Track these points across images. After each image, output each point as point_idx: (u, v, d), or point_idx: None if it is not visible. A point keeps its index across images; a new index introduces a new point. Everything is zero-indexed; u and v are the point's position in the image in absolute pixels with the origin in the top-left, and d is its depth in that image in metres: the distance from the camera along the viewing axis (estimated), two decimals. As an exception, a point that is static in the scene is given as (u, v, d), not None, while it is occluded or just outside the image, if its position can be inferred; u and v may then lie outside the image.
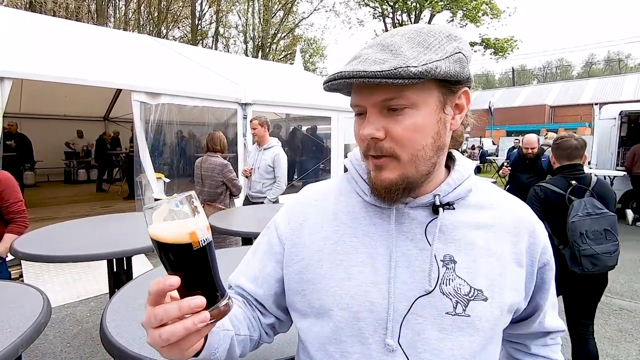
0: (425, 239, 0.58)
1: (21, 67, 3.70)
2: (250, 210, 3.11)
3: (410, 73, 0.48)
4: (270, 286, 0.67)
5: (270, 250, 0.68)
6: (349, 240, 0.61)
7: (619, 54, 60.56)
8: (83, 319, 3.02)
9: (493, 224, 0.60)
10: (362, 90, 0.54)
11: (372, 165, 0.57)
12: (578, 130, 14.76)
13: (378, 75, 0.48)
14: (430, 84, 0.53)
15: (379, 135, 0.53)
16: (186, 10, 23.34)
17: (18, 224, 2.09)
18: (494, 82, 69.78)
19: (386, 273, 0.57)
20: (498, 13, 18.82)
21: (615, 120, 6.85)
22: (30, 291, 1.28)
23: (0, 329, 1.01)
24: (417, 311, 0.55)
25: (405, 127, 0.53)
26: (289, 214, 0.69)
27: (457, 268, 0.56)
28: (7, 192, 2.06)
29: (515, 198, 0.66)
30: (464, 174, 0.62)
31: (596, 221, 1.96)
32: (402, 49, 0.51)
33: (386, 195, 0.56)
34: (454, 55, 0.52)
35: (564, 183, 2.08)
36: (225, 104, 5.42)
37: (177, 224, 0.41)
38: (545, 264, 0.63)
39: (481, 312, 0.55)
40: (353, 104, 0.57)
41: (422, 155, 0.55)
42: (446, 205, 0.59)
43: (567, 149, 2.12)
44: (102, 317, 1.11)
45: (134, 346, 0.95)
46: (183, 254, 0.42)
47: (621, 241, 2.06)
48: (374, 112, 0.54)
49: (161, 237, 0.40)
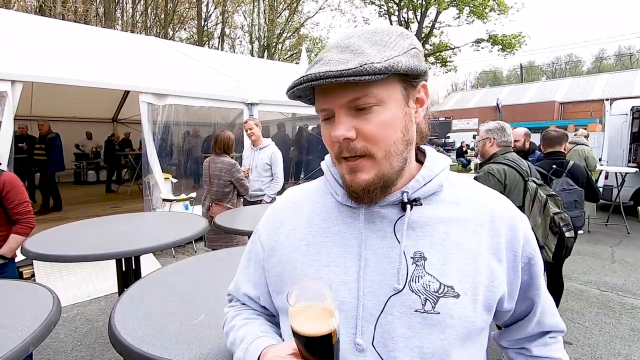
0: (395, 237, 0.58)
1: (32, 71, 3.76)
2: (255, 209, 3.12)
3: (375, 69, 0.49)
4: (265, 291, 0.70)
5: (256, 257, 0.71)
6: (321, 240, 0.62)
7: (630, 49, 59.39)
8: (93, 317, 3.06)
9: (468, 219, 0.59)
10: (328, 92, 0.54)
11: (347, 168, 0.57)
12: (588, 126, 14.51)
13: (345, 74, 0.48)
14: (393, 79, 0.54)
15: (350, 135, 0.53)
16: (192, 11, 23.50)
17: (23, 225, 2.10)
18: (502, 79, 69.03)
19: (356, 272, 0.58)
20: (505, 9, 18.61)
21: (626, 116, 6.72)
22: (40, 291, 1.30)
23: (12, 328, 1.03)
24: (387, 309, 0.55)
25: (375, 124, 0.53)
26: (267, 219, 0.72)
27: (427, 265, 0.56)
28: (13, 193, 2.07)
29: (493, 192, 0.64)
30: (434, 169, 0.61)
31: (569, 194, 2.64)
32: (363, 48, 0.52)
33: (365, 195, 0.57)
34: (410, 51, 0.54)
35: (548, 165, 2.77)
36: (231, 104, 5.45)
37: (323, 318, 0.46)
38: (530, 258, 0.61)
39: (452, 309, 0.54)
40: (319, 108, 0.57)
41: (394, 150, 0.55)
42: (414, 201, 0.58)
43: (549, 139, 2.87)
44: (111, 316, 1.12)
45: (142, 344, 0.96)
46: (323, 343, 0.47)
47: (632, 239, 2.11)
48: (343, 113, 0.54)
49: (310, 333, 0.46)
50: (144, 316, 1.12)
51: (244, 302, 0.75)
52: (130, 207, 6.89)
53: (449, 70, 22.24)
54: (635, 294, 3.50)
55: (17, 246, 2.08)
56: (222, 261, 1.67)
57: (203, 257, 1.75)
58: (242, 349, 0.63)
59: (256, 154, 3.67)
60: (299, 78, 0.52)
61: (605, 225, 5.99)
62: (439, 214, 0.59)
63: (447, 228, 0.58)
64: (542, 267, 0.64)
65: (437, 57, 21.45)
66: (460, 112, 30.26)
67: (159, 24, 22.73)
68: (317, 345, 0.46)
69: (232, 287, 0.78)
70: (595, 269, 4.15)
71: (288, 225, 0.67)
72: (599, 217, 6.27)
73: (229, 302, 0.80)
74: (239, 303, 0.76)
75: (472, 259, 0.56)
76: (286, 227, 0.67)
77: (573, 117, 24.71)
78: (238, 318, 0.71)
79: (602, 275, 3.96)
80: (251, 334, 0.65)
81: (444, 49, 21.30)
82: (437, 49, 21.31)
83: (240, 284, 0.75)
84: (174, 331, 1.03)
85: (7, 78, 3.50)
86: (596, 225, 5.98)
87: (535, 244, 0.62)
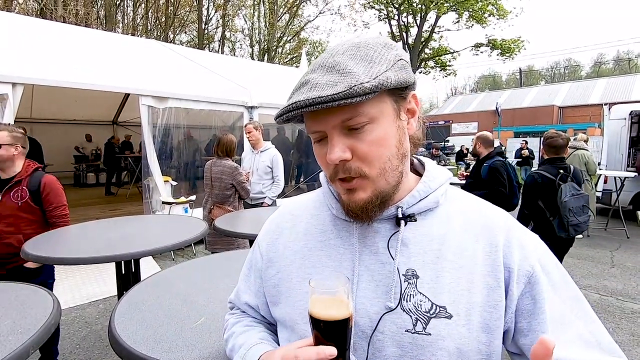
0: (388, 253, 0.57)
1: (32, 73, 3.77)
2: (256, 212, 3.11)
3: (365, 89, 0.48)
4: (264, 302, 0.70)
5: (255, 266, 0.71)
6: (317, 254, 0.62)
7: (628, 54, 59.69)
8: (92, 320, 3.05)
9: (463, 237, 0.56)
10: (318, 115, 0.53)
11: (343, 188, 0.56)
12: (587, 130, 14.56)
13: (335, 98, 0.47)
14: (382, 95, 0.53)
15: (346, 156, 0.52)
16: (193, 15, 23.59)
17: (60, 227, 2.14)
18: (501, 83, 69.24)
19: None
20: (504, 14, 18.72)
21: (625, 120, 6.74)
22: (40, 293, 1.30)
23: (12, 331, 1.03)
24: (379, 328, 0.54)
25: (369, 143, 0.52)
26: (267, 230, 0.72)
27: (419, 283, 0.54)
28: (52, 195, 2.12)
29: (491, 206, 0.62)
30: (431, 185, 0.60)
31: (577, 199, 2.73)
32: (349, 67, 0.50)
33: (363, 214, 0.56)
34: (397, 63, 0.53)
35: (553, 171, 2.82)
36: (231, 107, 5.46)
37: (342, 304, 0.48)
38: (530, 274, 0.54)
39: (444, 330, 0.52)
40: (311, 130, 0.56)
41: (389, 166, 0.54)
42: (408, 217, 0.57)
43: (556, 147, 2.87)
44: (111, 319, 1.12)
45: (142, 348, 0.96)
46: (341, 328, 0.49)
47: (632, 243, 2.11)
48: (336, 134, 0.53)
49: (328, 316, 0.48)
50: (143, 319, 1.12)
51: (244, 310, 0.75)
52: (130, 210, 6.89)
53: (449, 74, 22.33)
54: (635, 298, 3.50)
55: None
56: (222, 264, 1.67)
57: (202, 260, 1.75)
58: (240, 355, 0.63)
59: (257, 157, 3.69)
60: (289, 104, 0.50)
61: (604, 229, 6.00)
62: (433, 231, 0.57)
63: (441, 245, 0.56)
64: (549, 292, 0.53)
65: (436, 61, 21.55)
66: (460, 115, 30.34)
67: (159, 27, 22.81)
68: (335, 330, 0.48)
69: (233, 295, 0.79)
70: (595, 274, 4.15)
71: (286, 237, 0.67)
72: (599, 222, 6.28)
73: (230, 310, 0.80)
74: (240, 311, 0.77)
75: (466, 277, 0.54)
76: (284, 239, 0.67)
77: (572, 122, 24.78)
78: (238, 325, 0.71)
79: (601, 280, 3.96)
80: (250, 340, 0.65)
81: (443, 53, 21.40)
82: (436, 53, 21.42)
83: (241, 293, 0.75)
84: (173, 334, 1.03)
85: (8, 80, 3.51)
86: (595, 229, 5.98)
87: (539, 257, 0.56)
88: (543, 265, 0.55)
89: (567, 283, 0.57)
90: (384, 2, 20.53)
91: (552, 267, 0.56)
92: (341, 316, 0.47)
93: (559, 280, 0.56)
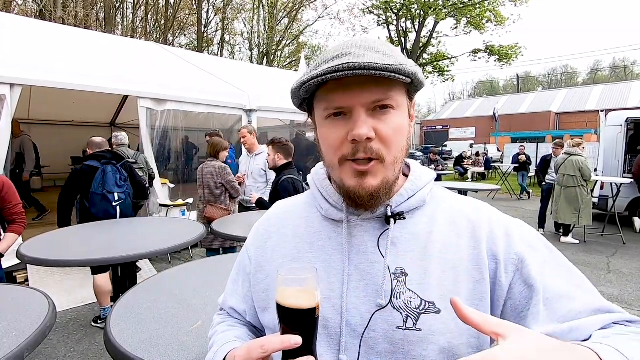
0: (378, 252, 0.57)
1: (31, 74, 3.76)
2: (250, 215, 3.12)
3: (409, 72, 0.49)
4: (252, 306, 0.69)
5: (244, 270, 0.71)
6: (306, 255, 0.62)
7: (624, 61, 60.25)
8: (87, 323, 3.02)
9: (449, 233, 0.57)
10: (351, 88, 0.51)
11: (355, 171, 0.54)
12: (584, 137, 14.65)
13: (389, 69, 0.48)
14: (402, 87, 0.54)
15: (372, 135, 0.52)
16: (192, 18, 23.66)
17: (19, 225, 2.21)
18: (499, 89, 69.65)
19: (339, 288, 0.57)
20: (502, 20, 18.86)
21: (621, 127, 6.80)
22: (36, 295, 1.29)
23: (6, 333, 1.02)
24: (370, 326, 0.55)
25: (392, 127, 0.53)
26: (255, 234, 0.71)
27: (408, 280, 0.55)
28: (10, 194, 2.19)
29: (474, 201, 0.63)
30: (418, 184, 0.61)
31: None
32: (388, 51, 0.51)
33: (370, 202, 0.56)
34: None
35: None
36: (230, 110, 5.47)
37: (309, 293, 0.48)
38: (517, 261, 0.54)
39: (434, 325, 0.53)
40: (334, 105, 0.53)
41: (400, 157, 0.56)
42: (397, 215, 0.58)
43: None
44: (107, 322, 1.11)
45: (137, 351, 0.95)
46: (307, 317, 0.49)
47: (628, 249, 2.10)
48: (364, 112, 0.52)
49: (295, 305, 0.48)
50: (139, 322, 1.12)
51: (230, 314, 0.74)
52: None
53: (447, 79, 22.45)
54: (631, 304, 3.50)
55: (13, 244, 2.17)
56: (218, 267, 1.67)
57: (199, 263, 1.75)
58: (213, 352, 0.62)
59: (252, 161, 3.79)
60: (342, 63, 0.48)
61: (601, 235, 6.02)
62: (419, 229, 0.58)
63: (427, 243, 0.57)
64: (542, 268, 0.54)
65: (434, 66, 21.66)
66: (458, 121, 30.49)
67: (159, 29, 22.85)
68: (301, 319, 0.48)
69: (221, 299, 0.78)
70: (591, 279, 4.11)
71: (274, 240, 0.67)
72: (595, 228, 6.30)
73: (219, 311, 0.80)
74: (225, 314, 0.76)
75: (452, 271, 0.55)
76: (272, 242, 0.67)
77: (569, 128, 24.95)
78: (222, 325, 0.71)
79: (597, 286, 3.95)
80: (225, 339, 0.64)
81: (441, 58, 21.53)
82: (434, 59, 21.54)
83: (227, 296, 0.74)
84: (170, 338, 1.02)
85: (6, 81, 3.50)
86: (592, 235, 6.00)
87: (525, 242, 0.56)
88: (530, 247, 0.56)
89: (557, 258, 0.57)
90: (382, 8, 20.66)
91: (539, 246, 0.57)
92: (307, 305, 0.47)
93: (548, 257, 0.56)
